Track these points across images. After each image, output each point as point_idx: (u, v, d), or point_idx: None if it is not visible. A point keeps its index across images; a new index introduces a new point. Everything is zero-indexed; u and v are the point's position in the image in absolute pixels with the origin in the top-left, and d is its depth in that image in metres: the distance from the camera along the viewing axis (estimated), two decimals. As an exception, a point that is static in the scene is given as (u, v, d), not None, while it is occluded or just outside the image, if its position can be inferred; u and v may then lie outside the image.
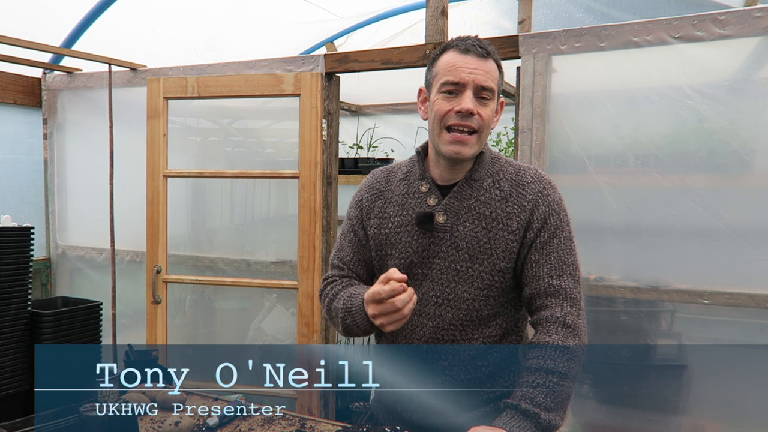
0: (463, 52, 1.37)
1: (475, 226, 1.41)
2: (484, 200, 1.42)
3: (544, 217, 1.40)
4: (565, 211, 1.44)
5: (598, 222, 2.23)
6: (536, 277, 1.39)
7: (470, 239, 1.41)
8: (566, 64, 2.28)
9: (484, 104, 1.37)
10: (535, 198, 1.41)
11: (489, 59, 1.38)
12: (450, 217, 1.42)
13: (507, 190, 1.43)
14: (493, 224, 1.40)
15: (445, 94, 1.38)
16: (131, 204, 3.00)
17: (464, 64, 1.36)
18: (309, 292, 2.67)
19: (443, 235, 1.42)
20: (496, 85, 1.39)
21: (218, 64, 2.91)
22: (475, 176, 1.44)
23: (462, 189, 1.44)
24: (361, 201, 1.56)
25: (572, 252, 1.42)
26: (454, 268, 1.42)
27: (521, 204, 1.41)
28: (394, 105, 4.39)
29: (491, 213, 1.41)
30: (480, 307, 1.42)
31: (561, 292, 1.37)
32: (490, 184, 1.44)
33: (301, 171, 2.65)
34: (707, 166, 2.12)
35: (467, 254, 1.41)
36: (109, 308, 3.07)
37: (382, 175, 1.57)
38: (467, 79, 1.36)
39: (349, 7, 3.76)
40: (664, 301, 2.22)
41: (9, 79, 3.19)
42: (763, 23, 1.96)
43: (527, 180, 1.44)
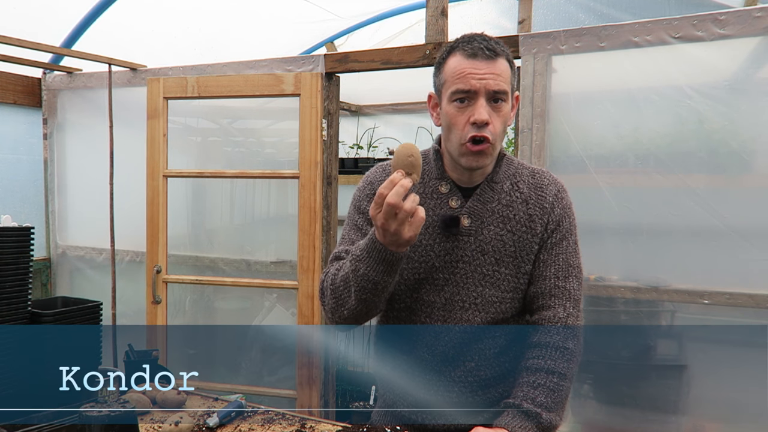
0: (471, 56, 1.31)
1: (500, 229, 1.40)
2: (506, 203, 1.42)
3: (558, 219, 1.42)
4: (574, 214, 1.46)
5: (598, 222, 2.23)
6: (543, 277, 1.40)
7: (496, 242, 1.39)
8: (566, 64, 2.28)
9: (498, 108, 1.32)
10: (552, 200, 1.43)
11: (498, 59, 1.32)
12: (474, 221, 1.40)
13: (527, 193, 1.43)
14: (517, 227, 1.41)
15: (457, 103, 1.32)
16: (131, 204, 3.00)
17: (473, 70, 1.30)
18: (309, 292, 2.67)
19: (467, 238, 1.39)
20: (508, 86, 1.34)
21: (218, 64, 2.91)
22: (496, 178, 1.43)
23: (484, 191, 1.42)
24: (360, 200, 1.49)
25: (578, 255, 1.44)
26: (480, 272, 1.40)
27: (542, 206, 1.42)
28: (394, 105, 4.39)
29: (514, 216, 1.41)
30: (506, 310, 1.42)
31: (565, 293, 1.38)
32: (510, 187, 1.43)
33: (301, 171, 2.65)
34: (707, 166, 2.12)
35: (493, 258, 1.39)
36: (109, 308, 3.07)
37: (382, 173, 1.51)
38: (478, 86, 1.30)
39: (349, 7, 3.75)
40: (664, 301, 2.22)
41: (9, 79, 3.19)
42: (763, 23, 1.96)
43: (544, 182, 1.45)
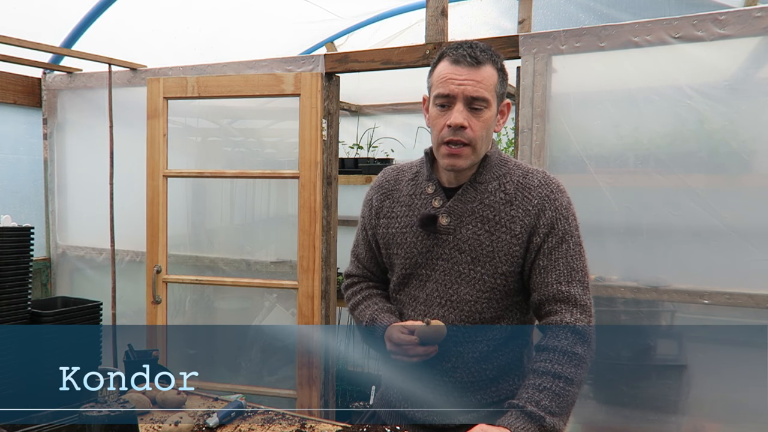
0: (454, 62, 1.36)
1: (478, 228, 1.41)
2: (488, 203, 1.42)
3: (551, 222, 1.39)
4: (573, 216, 1.42)
5: (598, 222, 2.23)
6: (545, 283, 1.38)
7: (473, 242, 1.40)
8: (566, 64, 2.28)
9: (477, 114, 1.36)
10: (541, 202, 1.40)
11: (483, 66, 1.36)
12: (453, 220, 1.42)
13: (512, 193, 1.42)
14: (496, 227, 1.40)
15: (439, 107, 1.38)
16: (131, 204, 3.00)
17: (455, 75, 1.35)
18: (309, 292, 2.67)
19: (446, 237, 1.43)
20: (491, 93, 1.36)
21: (218, 64, 2.91)
22: (480, 179, 1.43)
23: (466, 192, 1.43)
24: (371, 200, 1.58)
25: (581, 257, 1.40)
26: (456, 270, 1.42)
27: (526, 208, 1.40)
28: (394, 105, 4.38)
29: (494, 216, 1.40)
30: (482, 310, 1.42)
31: (570, 298, 1.36)
32: (496, 187, 1.43)
33: (301, 171, 2.65)
34: (707, 166, 2.12)
35: (469, 257, 1.41)
36: (109, 308, 3.07)
37: (393, 174, 1.59)
38: (456, 91, 1.35)
39: (349, 7, 3.75)
40: (664, 301, 2.22)
41: (9, 79, 3.19)
42: (763, 23, 1.96)
43: (534, 184, 1.42)
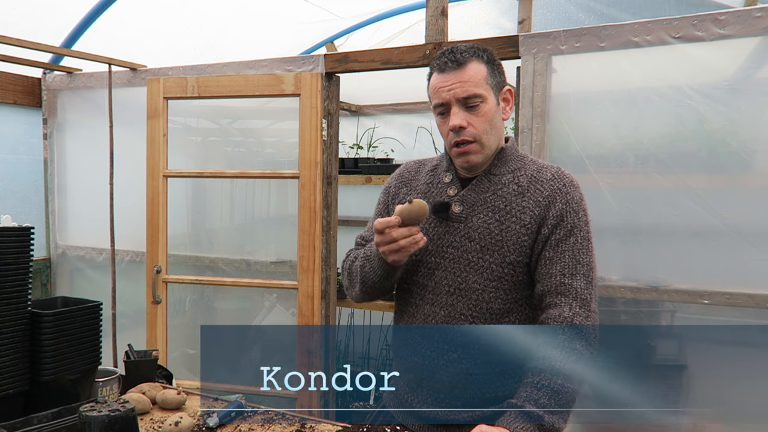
0: (440, 71, 1.44)
1: (489, 218, 1.44)
2: (501, 194, 1.45)
3: (560, 214, 1.41)
4: (584, 211, 1.45)
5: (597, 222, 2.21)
6: (548, 275, 1.39)
7: (483, 230, 1.43)
8: (566, 64, 2.28)
9: (475, 111, 1.42)
10: (552, 194, 1.43)
11: (467, 65, 1.41)
12: (466, 208, 1.46)
13: (525, 186, 1.45)
14: (507, 217, 1.43)
15: (440, 116, 1.46)
16: (131, 204, 3.00)
17: (443, 83, 1.43)
18: (309, 292, 2.67)
19: (457, 225, 1.46)
20: (482, 87, 1.42)
21: (218, 64, 2.91)
22: (495, 171, 1.48)
23: (480, 182, 1.48)
24: (389, 187, 1.64)
25: (588, 252, 1.41)
26: (465, 258, 1.44)
27: (537, 199, 1.43)
28: (394, 105, 4.38)
29: (506, 206, 1.44)
30: (490, 299, 1.42)
31: (571, 291, 1.36)
32: (509, 179, 1.47)
33: (301, 171, 2.65)
34: (707, 166, 2.12)
35: (479, 245, 1.43)
36: (109, 308, 3.07)
37: (414, 165, 1.65)
38: (447, 97, 1.42)
39: (349, 7, 3.75)
40: (664, 301, 2.22)
41: (9, 79, 3.19)
42: (763, 23, 1.96)
43: (546, 177, 1.46)
